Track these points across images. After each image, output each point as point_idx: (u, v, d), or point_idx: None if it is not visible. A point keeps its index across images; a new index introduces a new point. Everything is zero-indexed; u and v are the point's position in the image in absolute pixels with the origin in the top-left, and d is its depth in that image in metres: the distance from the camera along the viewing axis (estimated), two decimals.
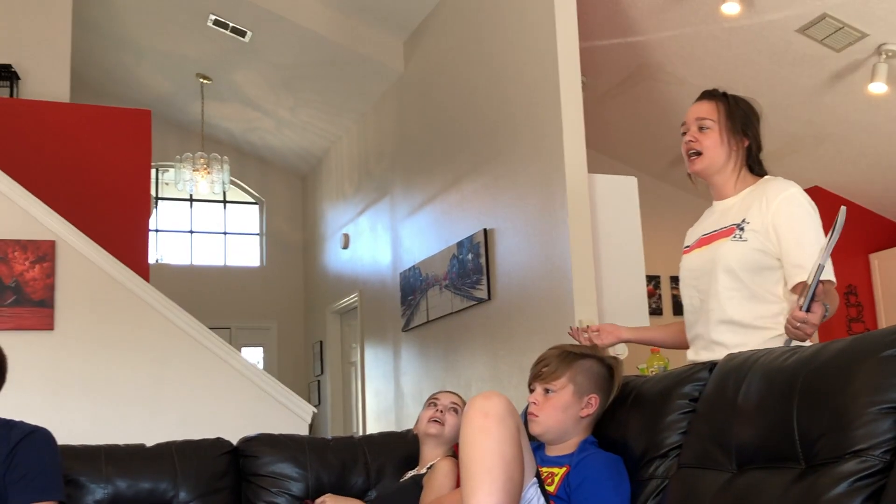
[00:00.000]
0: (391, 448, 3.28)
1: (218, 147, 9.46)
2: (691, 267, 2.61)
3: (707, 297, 2.50)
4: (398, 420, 7.24)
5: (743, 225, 2.44)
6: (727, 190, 2.58)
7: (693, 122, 2.58)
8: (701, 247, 2.58)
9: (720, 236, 2.50)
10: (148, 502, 2.93)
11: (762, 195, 2.45)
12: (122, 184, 6.18)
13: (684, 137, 2.60)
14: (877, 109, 6.37)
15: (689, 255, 2.64)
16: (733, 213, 2.52)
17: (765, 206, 2.43)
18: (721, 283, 2.45)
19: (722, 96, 2.60)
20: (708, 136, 2.55)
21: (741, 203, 2.52)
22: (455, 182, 6.34)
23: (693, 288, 2.58)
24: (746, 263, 2.42)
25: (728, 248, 2.45)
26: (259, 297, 10.23)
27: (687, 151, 2.58)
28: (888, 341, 1.58)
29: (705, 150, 2.54)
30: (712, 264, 2.49)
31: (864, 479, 1.47)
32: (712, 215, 2.63)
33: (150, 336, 5.02)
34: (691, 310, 2.61)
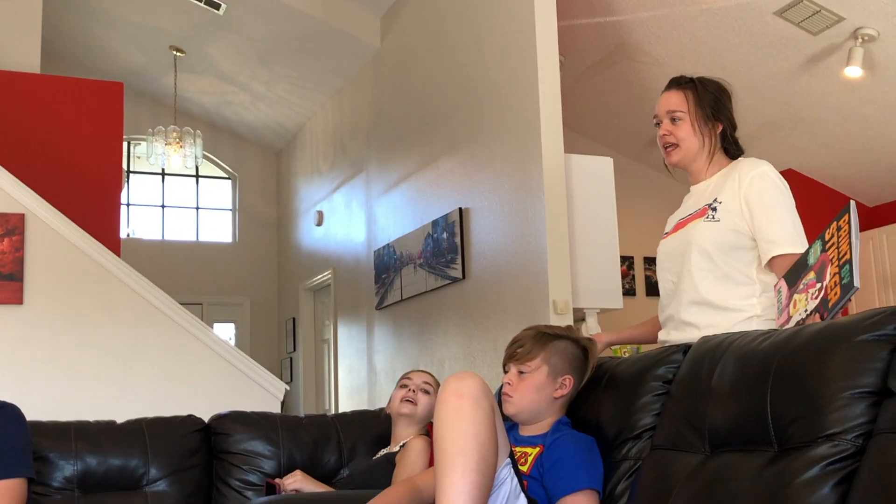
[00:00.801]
0: (364, 426, 3.27)
1: (191, 121, 9.36)
2: (667, 250, 2.62)
3: (680, 278, 2.51)
4: (371, 398, 7.24)
5: (715, 205, 2.45)
6: (702, 174, 2.60)
7: (665, 114, 2.58)
8: (677, 231, 2.59)
9: (694, 218, 2.52)
10: (118, 479, 2.92)
11: (734, 175, 2.47)
12: (93, 157, 6.10)
13: (658, 130, 2.60)
14: (852, 93, 6.40)
15: (665, 240, 2.66)
16: (706, 195, 2.53)
17: (737, 184, 2.44)
18: (694, 263, 2.46)
19: (689, 83, 2.58)
20: (681, 127, 2.55)
21: (714, 184, 2.53)
22: (431, 160, 6.31)
23: (668, 271, 2.59)
24: (719, 243, 2.43)
25: (701, 228, 2.46)
26: (231, 274, 10.17)
27: (663, 145, 2.59)
28: (863, 326, 1.58)
29: (680, 142, 2.55)
30: (686, 245, 2.50)
31: (837, 462, 1.48)
32: (689, 199, 2.64)
33: (120, 311, 4.97)
34: (666, 293, 2.62)
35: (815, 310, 1.99)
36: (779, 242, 2.34)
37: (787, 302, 2.14)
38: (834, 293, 1.93)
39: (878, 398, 1.50)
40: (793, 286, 2.14)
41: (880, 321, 1.57)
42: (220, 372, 5.16)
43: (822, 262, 2.02)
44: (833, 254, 1.98)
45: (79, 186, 5.98)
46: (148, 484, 2.95)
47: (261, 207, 10.44)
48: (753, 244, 2.43)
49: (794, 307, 2.10)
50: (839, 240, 1.97)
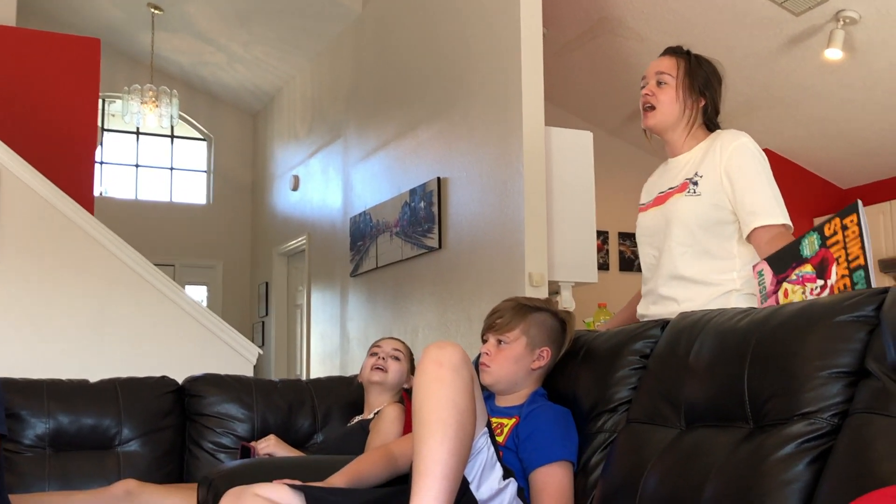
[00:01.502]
0: (338, 392, 3.28)
1: (167, 80, 9.25)
2: (647, 225, 2.62)
3: (662, 254, 2.52)
4: (343, 364, 7.25)
5: (696, 179, 2.46)
6: (679, 147, 2.59)
7: (652, 76, 2.57)
8: (657, 205, 2.59)
9: (674, 192, 2.52)
10: (90, 438, 2.91)
11: (714, 147, 2.47)
12: (68, 113, 6.02)
13: (642, 91, 2.59)
14: (831, 76, 6.43)
15: (644, 213, 2.65)
16: (687, 169, 2.53)
17: (717, 157, 2.44)
18: (675, 238, 2.47)
19: (685, 54, 2.59)
20: (665, 91, 2.54)
21: (694, 158, 2.53)
22: (410, 128, 6.29)
23: (649, 245, 2.60)
24: (701, 218, 2.44)
25: (683, 203, 2.47)
26: (205, 236, 10.10)
27: (642, 105, 2.58)
28: (841, 307, 1.60)
29: (659, 105, 2.54)
30: (666, 220, 2.51)
31: (812, 440, 1.50)
32: (667, 173, 2.64)
33: (94, 270, 4.93)
34: (647, 267, 2.63)
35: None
36: (760, 214, 2.36)
37: (775, 289, 2.13)
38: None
39: (854, 378, 1.52)
40: (781, 273, 2.12)
41: (859, 302, 1.59)
42: (192, 334, 5.15)
43: (824, 259, 1.99)
44: (839, 253, 1.95)
45: (53, 143, 5.90)
46: (120, 444, 2.95)
47: (236, 170, 10.36)
48: (733, 218, 2.44)
49: (784, 296, 2.08)
50: (847, 240, 1.93)
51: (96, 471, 2.84)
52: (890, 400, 1.39)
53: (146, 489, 2.64)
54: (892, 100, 6.53)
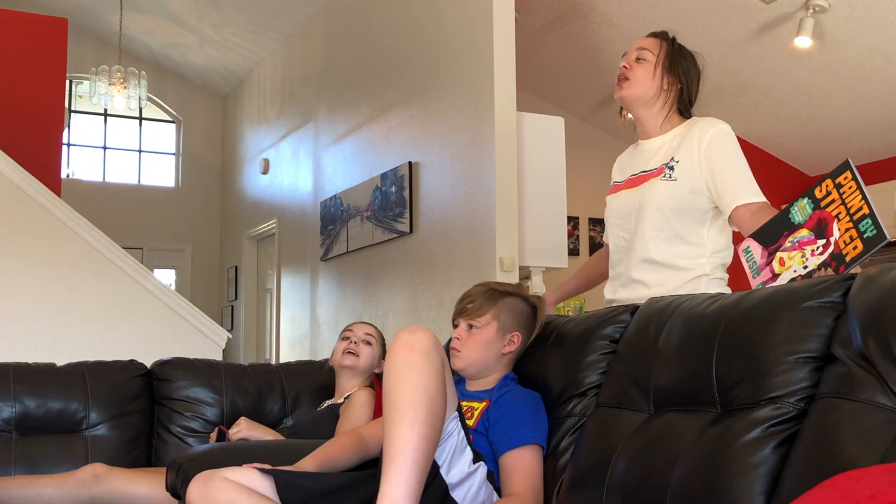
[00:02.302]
0: (308, 377, 3.27)
1: (136, 61, 9.14)
2: (618, 206, 2.63)
3: (633, 236, 2.53)
4: (312, 349, 7.23)
5: (672, 164, 2.47)
6: (653, 129, 2.60)
7: (633, 51, 2.59)
8: (629, 187, 2.60)
9: (649, 176, 2.53)
10: (58, 422, 2.88)
11: (692, 133, 2.49)
12: (34, 94, 5.93)
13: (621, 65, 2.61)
14: (800, 64, 6.48)
15: (616, 195, 2.65)
16: (662, 153, 2.54)
17: (695, 143, 2.46)
18: (648, 222, 2.48)
19: (670, 39, 2.62)
20: (642, 66, 2.56)
21: (670, 143, 2.54)
22: (382, 112, 6.26)
23: (619, 227, 2.61)
24: (675, 203, 2.45)
25: (658, 187, 2.48)
26: (173, 219, 10.03)
27: (618, 76, 2.59)
28: (809, 293, 1.62)
29: (633, 78, 2.56)
30: (639, 204, 2.51)
31: (778, 425, 1.52)
32: (640, 154, 2.64)
33: (61, 253, 4.88)
34: (616, 249, 2.64)
35: (825, 264, 1.98)
36: (741, 193, 2.38)
37: (767, 260, 2.14)
38: (853, 247, 1.94)
39: (821, 363, 1.53)
40: (772, 244, 2.14)
41: (826, 288, 1.61)
42: (160, 318, 5.11)
43: (821, 219, 2.01)
44: (838, 210, 1.97)
45: (19, 124, 5.82)
46: (88, 428, 2.92)
47: (205, 153, 10.28)
48: (708, 205, 2.46)
49: (780, 264, 2.08)
50: (844, 196, 1.96)
51: (63, 455, 2.82)
52: (855, 385, 1.41)
53: (114, 473, 2.62)
54: (860, 88, 6.59)
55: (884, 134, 7.22)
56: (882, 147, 7.45)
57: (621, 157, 2.77)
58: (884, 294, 1.45)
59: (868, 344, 1.42)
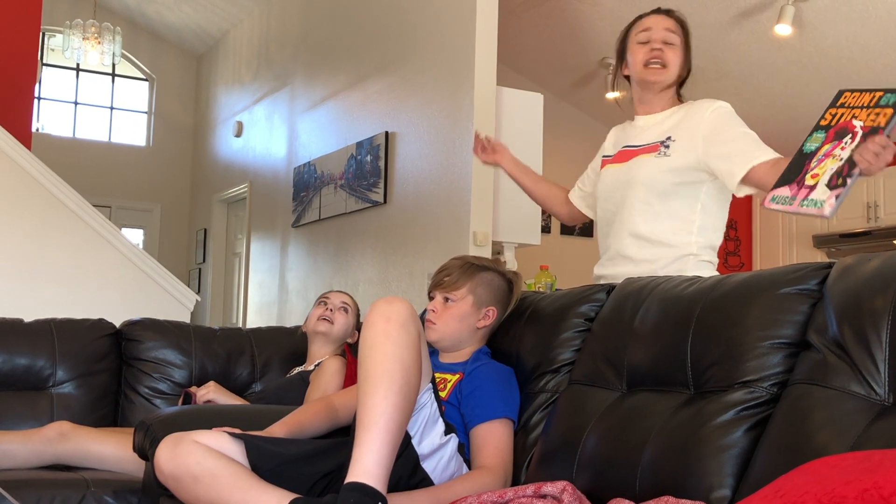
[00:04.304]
0: (279, 343, 3.26)
1: (111, 17, 8.99)
2: (606, 180, 2.62)
3: (621, 209, 2.53)
4: (280, 315, 7.21)
5: (668, 142, 2.47)
6: (656, 107, 2.59)
7: (659, 32, 2.54)
8: (620, 161, 2.59)
9: (642, 152, 2.52)
10: (24, 379, 2.86)
11: (691, 114, 2.49)
12: (6, 46, 5.82)
13: (647, 45, 2.53)
14: (779, 51, 6.51)
15: (608, 167, 2.64)
16: (658, 131, 2.53)
17: (695, 121, 2.46)
18: (637, 196, 2.48)
19: (682, 22, 2.61)
20: (674, 51, 2.54)
21: (667, 121, 2.54)
22: (360, 80, 6.22)
23: (606, 200, 2.61)
24: (666, 179, 2.45)
25: (651, 163, 2.47)
26: (143, 178, 9.91)
27: (653, 59, 2.52)
28: (786, 280, 1.64)
29: (670, 65, 2.53)
30: (629, 177, 2.51)
31: (751, 408, 1.54)
32: (633, 129, 2.63)
33: (30, 207, 4.81)
34: (604, 221, 2.63)
35: (864, 136, 1.90)
36: (756, 153, 2.34)
37: (797, 189, 2.03)
38: (883, 115, 1.89)
39: (795, 349, 1.55)
40: (796, 178, 2.05)
41: (803, 276, 1.62)
42: (129, 277, 5.07)
43: (840, 129, 1.97)
44: (852, 114, 1.95)
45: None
46: (54, 385, 2.90)
47: (177, 113, 10.16)
48: (700, 185, 2.45)
49: (812, 178, 2.00)
50: (852, 105, 1.96)
51: (29, 411, 2.79)
52: (829, 372, 1.43)
53: (79, 432, 2.60)
54: (838, 77, 6.64)
55: None
56: None
57: (614, 130, 2.75)
58: (861, 284, 1.47)
59: (844, 332, 1.44)
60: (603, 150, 2.74)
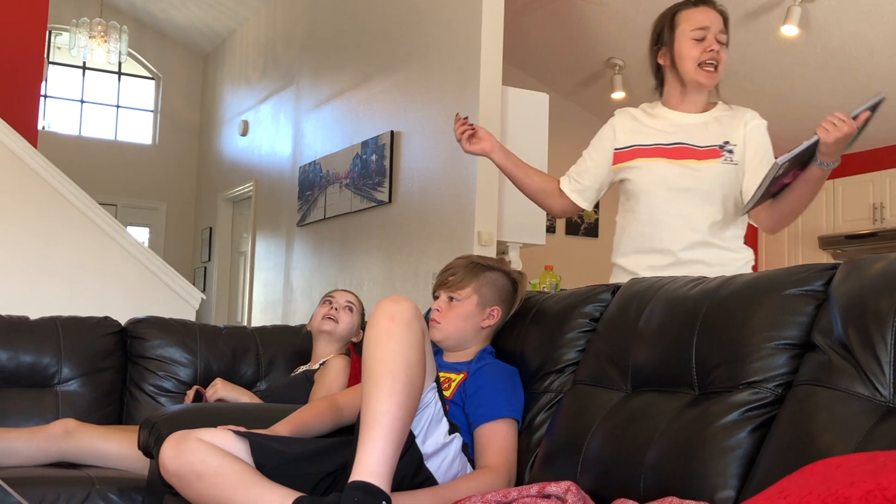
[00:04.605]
0: (284, 341, 3.27)
1: (117, 16, 9.00)
2: (664, 177, 2.50)
3: (678, 212, 2.47)
4: (285, 314, 7.21)
5: (731, 147, 2.46)
6: (698, 105, 2.55)
7: (716, 33, 2.47)
8: (672, 158, 2.50)
9: (704, 156, 2.47)
10: (29, 376, 2.86)
11: (738, 120, 2.50)
12: (13, 44, 5.83)
13: (702, 44, 2.46)
14: (785, 52, 6.50)
15: (653, 161, 2.52)
16: (709, 133, 2.49)
17: (741, 129, 2.48)
18: (708, 205, 2.46)
19: (725, 15, 2.54)
20: (725, 52, 2.50)
21: (714, 123, 2.51)
22: (365, 79, 6.22)
23: (654, 196, 2.51)
24: (734, 187, 2.46)
25: (722, 171, 2.45)
26: (149, 177, 9.92)
27: (709, 60, 2.47)
28: (791, 281, 1.63)
29: (720, 66, 2.49)
30: (696, 183, 2.46)
31: (756, 409, 1.53)
32: (673, 125, 2.54)
33: (36, 205, 4.82)
34: (649, 220, 2.52)
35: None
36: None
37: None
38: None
39: (800, 350, 1.55)
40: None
41: (808, 277, 1.62)
42: (134, 275, 5.07)
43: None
44: None
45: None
46: (60, 383, 2.91)
47: (183, 111, 10.17)
48: None
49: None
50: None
51: (34, 409, 2.80)
52: (834, 373, 1.43)
53: (85, 429, 2.60)
54: (844, 79, 6.63)
55: None
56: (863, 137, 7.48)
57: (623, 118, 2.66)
58: (866, 285, 1.46)
59: (849, 333, 1.43)
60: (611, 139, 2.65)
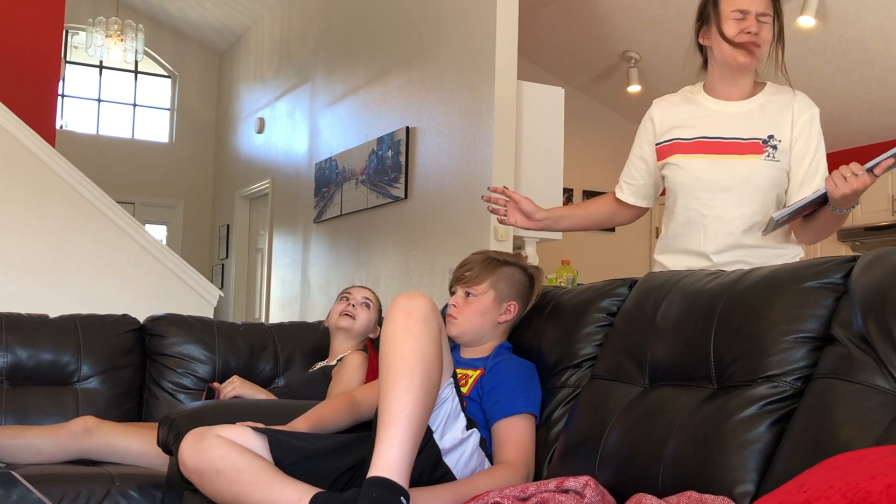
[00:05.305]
0: (301, 338, 3.28)
1: (133, 14, 9.04)
2: (700, 176, 2.38)
3: (714, 213, 2.36)
4: (303, 310, 7.23)
5: (774, 143, 2.32)
6: (740, 90, 2.39)
7: (756, 12, 2.29)
8: (709, 154, 2.37)
9: (746, 150, 2.33)
10: (49, 374, 2.88)
11: (787, 108, 2.35)
12: (31, 44, 5.87)
13: (741, 25, 2.29)
14: (802, 43, 6.45)
15: (691, 159, 2.40)
16: (752, 123, 2.35)
17: (789, 120, 2.33)
18: (746, 206, 2.33)
19: None
20: (767, 30, 2.31)
21: (760, 111, 2.36)
22: (380, 75, 6.22)
23: (692, 198, 2.40)
24: (778, 186, 2.34)
25: (762, 169, 2.32)
26: (166, 175, 9.97)
27: (745, 42, 2.30)
28: (810, 273, 1.62)
29: (763, 45, 2.32)
30: (735, 182, 2.33)
31: (775, 403, 1.53)
32: (708, 113, 2.41)
33: (55, 204, 4.85)
34: (685, 221, 2.42)
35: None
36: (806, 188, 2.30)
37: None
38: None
39: (819, 344, 1.54)
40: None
41: (827, 269, 1.61)
42: (152, 273, 5.10)
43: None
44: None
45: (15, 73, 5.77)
46: (79, 381, 2.92)
47: (200, 109, 10.21)
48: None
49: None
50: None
51: (54, 407, 2.82)
52: (854, 366, 1.42)
53: (104, 426, 2.62)
54: (861, 70, 6.58)
55: (882, 116, 7.21)
56: (879, 130, 7.45)
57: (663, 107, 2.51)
58: (886, 277, 1.45)
59: (868, 326, 1.42)
60: (652, 133, 2.51)
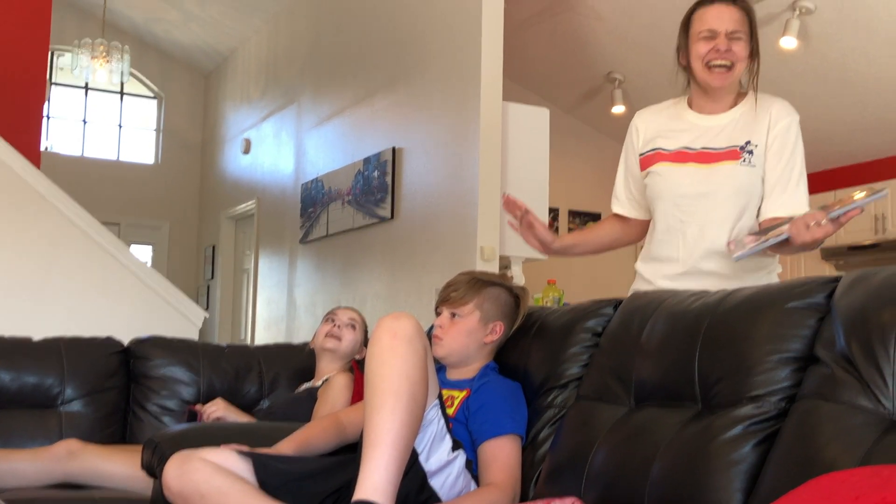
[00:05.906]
0: (286, 359, 3.27)
1: (119, 35, 9.03)
2: (679, 183, 2.37)
3: (693, 220, 2.34)
4: (289, 331, 7.21)
5: (751, 148, 2.30)
6: (720, 105, 2.37)
7: (725, 29, 2.26)
8: (688, 162, 2.36)
9: (723, 158, 2.32)
10: (32, 397, 2.86)
11: (765, 114, 2.32)
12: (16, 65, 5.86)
13: (711, 43, 2.27)
14: (784, 65, 6.51)
15: (671, 167, 2.39)
16: (730, 132, 2.34)
17: (765, 126, 2.31)
18: (722, 210, 2.31)
19: (747, 5, 2.33)
20: (740, 46, 2.28)
21: (739, 120, 2.34)
22: (367, 96, 6.24)
23: (675, 206, 2.38)
24: (752, 192, 2.31)
25: (738, 174, 2.30)
26: (152, 196, 9.94)
27: (715, 61, 2.28)
28: (793, 294, 1.63)
29: (736, 63, 2.29)
30: (712, 188, 2.32)
31: (759, 423, 1.53)
32: (695, 129, 2.39)
33: (39, 226, 4.83)
34: (670, 231, 2.39)
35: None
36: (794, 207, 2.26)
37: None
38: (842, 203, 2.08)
39: (803, 364, 1.55)
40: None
41: (810, 290, 1.62)
42: (137, 294, 5.08)
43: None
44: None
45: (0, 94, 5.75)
46: (63, 403, 2.90)
47: (186, 130, 10.20)
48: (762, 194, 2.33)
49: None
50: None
51: (38, 430, 2.80)
52: (837, 386, 1.42)
53: (88, 449, 2.60)
54: (843, 91, 6.64)
55: (863, 137, 7.27)
56: (861, 150, 7.51)
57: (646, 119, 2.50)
58: (868, 298, 1.46)
59: (851, 347, 1.43)
60: (635, 144, 2.50)
